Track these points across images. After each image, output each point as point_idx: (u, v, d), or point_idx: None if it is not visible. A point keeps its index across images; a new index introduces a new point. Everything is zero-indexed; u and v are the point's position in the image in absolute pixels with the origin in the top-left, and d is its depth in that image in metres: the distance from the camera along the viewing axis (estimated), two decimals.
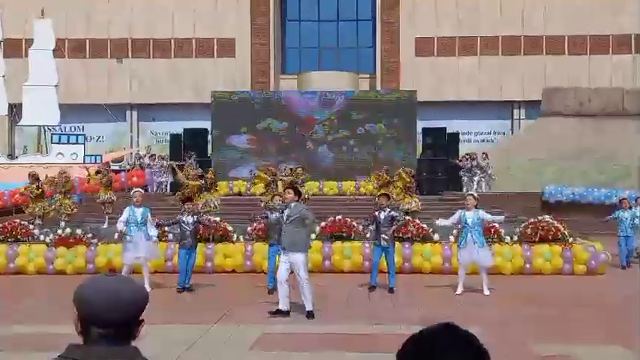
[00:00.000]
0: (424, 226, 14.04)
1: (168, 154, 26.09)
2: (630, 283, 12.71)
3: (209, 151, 26.94)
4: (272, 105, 27.25)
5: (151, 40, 34.82)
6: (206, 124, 28.28)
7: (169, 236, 13.93)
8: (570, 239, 13.87)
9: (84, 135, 29.60)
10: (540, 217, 14.40)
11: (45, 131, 30.08)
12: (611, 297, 11.27)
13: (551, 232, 13.81)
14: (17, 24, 32.56)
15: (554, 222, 14.05)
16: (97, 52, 34.81)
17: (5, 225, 14.46)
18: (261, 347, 7.63)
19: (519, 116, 34.59)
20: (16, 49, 32.32)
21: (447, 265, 13.42)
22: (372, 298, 10.94)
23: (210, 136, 27.44)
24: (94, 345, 1.82)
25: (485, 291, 11.03)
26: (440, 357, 1.54)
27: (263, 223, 12.91)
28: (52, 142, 28.12)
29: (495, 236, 13.67)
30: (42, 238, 14.21)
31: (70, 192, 17.79)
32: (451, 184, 24.28)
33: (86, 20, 34.59)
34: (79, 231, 14.14)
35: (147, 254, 11.54)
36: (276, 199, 11.65)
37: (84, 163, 24.47)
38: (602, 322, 9.16)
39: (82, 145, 27.42)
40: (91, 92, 34.24)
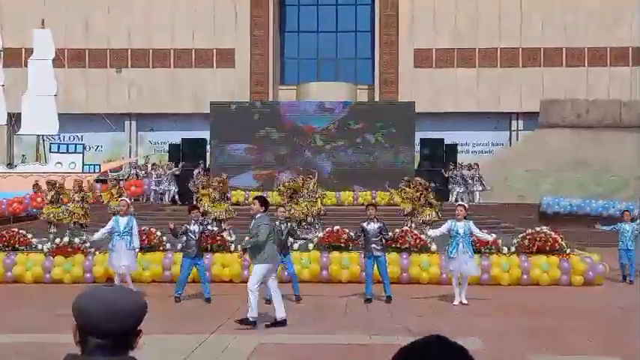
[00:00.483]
0: (422, 236, 14.08)
1: (173, 163, 26.20)
2: (628, 294, 12.71)
3: (207, 161, 27.00)
4: (270, 115, 27.32)
5: (150, 50, 34.91)
6: (204, 134, 28.32)
7: (167, 245, 13.94)
8: (568, 250, 13.88)
9: (82, 144, 29.66)
10: (538, 228, 14.38)
11: (44, 140, 30.14)
12: (608, 308, 11.27)
13: (548, 243, 13.82)
14: (17, 34, 32.73)
15: (552, 233, 14.06)
16: (97, 61, 34.87)
17: (3, 234, 14.43)
18: (258, 357, 7.64)
19: (517, 127, 34.66)
20: (15, 58, 32.43)
21: (444, 275, 13.41)
22: (369, 308, 10.94)
23: (208, 146, 27.48)
24: (91, 355, 1.83)
25: (464, 300, 11.12)
26: None
27: None
28: (50, 152, 28.18)
29: (493, 247, 13.69)
30: (40, 247, 14.19)
31: (86, 201, 18.07)
32: (449, 194, 24.36)
33: (85, 30, 34.69)
34: (77, 240, 14.14)
35: (129, 263, 11.62)
36: (280, 211, 12.10)
37: (82, 172, 24.52)
38: (600, 333, 9.16)
39: (81, 154, 27.48)
40: (90, 102, 34.31)
